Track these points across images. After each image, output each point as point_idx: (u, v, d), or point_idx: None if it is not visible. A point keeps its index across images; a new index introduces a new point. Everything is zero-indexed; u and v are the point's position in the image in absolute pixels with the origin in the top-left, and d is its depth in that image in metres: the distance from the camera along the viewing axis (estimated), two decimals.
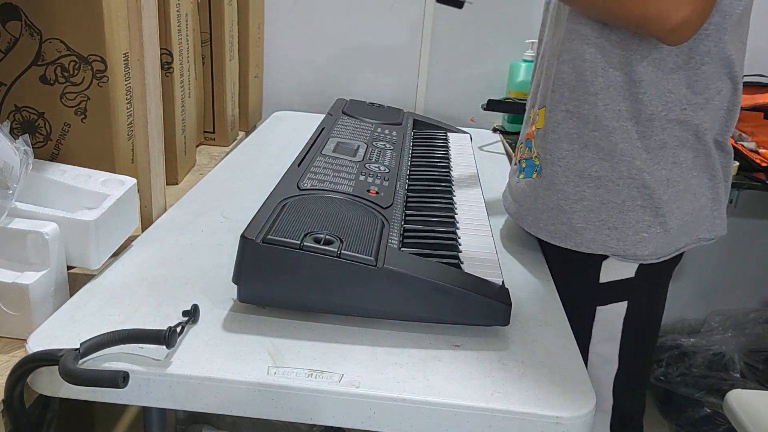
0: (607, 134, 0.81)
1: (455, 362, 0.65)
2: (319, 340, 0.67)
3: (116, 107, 0.92)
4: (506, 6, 1.62)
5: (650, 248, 0.83)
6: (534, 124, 0.89)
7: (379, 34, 1.66)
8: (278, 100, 1.71)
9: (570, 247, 0.85)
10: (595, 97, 0.80)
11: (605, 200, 0.82)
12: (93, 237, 0.74)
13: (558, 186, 0.85)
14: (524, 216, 0.91)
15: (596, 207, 0.83)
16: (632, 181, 0.81)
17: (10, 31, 0.87)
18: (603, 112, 0.80)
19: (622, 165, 0.81)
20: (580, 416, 0.59)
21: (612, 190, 0.82)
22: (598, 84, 0.80)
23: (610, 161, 0.81)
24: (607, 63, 0.79)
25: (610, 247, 0.83)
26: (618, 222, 0.82)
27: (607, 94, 0.79)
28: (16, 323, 0.67)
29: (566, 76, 0.82)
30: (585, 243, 0.84)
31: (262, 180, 1.11)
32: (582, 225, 0.84)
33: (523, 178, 0.91)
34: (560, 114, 0.84)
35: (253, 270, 0.68)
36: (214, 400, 0.61)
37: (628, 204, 0.82)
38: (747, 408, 1.12)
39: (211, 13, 1.30)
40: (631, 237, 0.83)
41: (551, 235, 0.87)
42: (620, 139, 0.80)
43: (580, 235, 0.84)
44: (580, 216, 0.84)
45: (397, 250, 0.73)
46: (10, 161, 0.68)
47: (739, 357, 1.69)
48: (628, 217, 0.82)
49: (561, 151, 0.84)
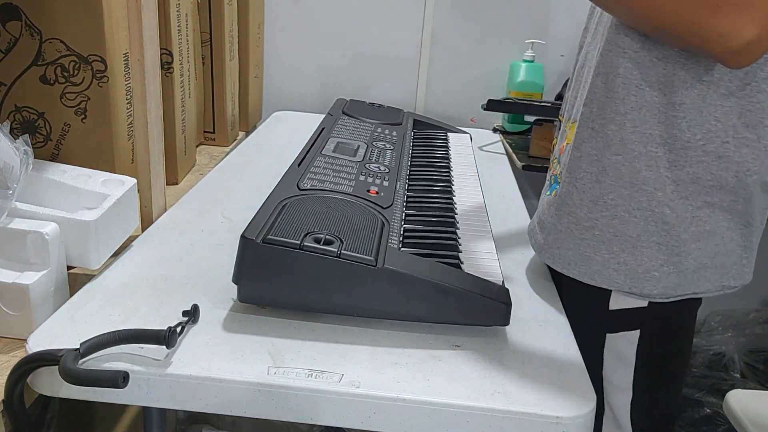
0: (630, 159, 0.73)
1: (455, 362, 0.65)
2: (319, 340, 0.67)
3: (116, 107, 0.92)
4: (506, 6, 1.62)
5: (660, 288, 0.76)
6: (566, 138, 0.83)
7: (379, 34, 1.66)
8: (278, 100, 1.71)
9: (573, 276, 0.79)
10: (623, 117, 0.73)
11: (618, 232, 0.75)
12: (93, 237, 0.74)
13: (570, 208, 0.78)
14: (534, 234, 0.86)
15: (608, 238, 0.76)
16: (651, 214, 0.73)
17: (10, 31, 0.87)
18: (630, 135, 0.72)
19: (642, 195, 0.73)
20: (580, 416, 0.59)
21: (627, 221, 0.74)
22: (629, 103, 0.72)
23: (629, 189, 0.74)
24: (643, 80, 0.71)
25: (615, 281, 0.77)
26: (629, 257, 0.75)
27: (638, 114, 0.72)
28: (16, 323, 0.67)
29: (598, 91, 0.75)
30: (589, 274, 0.78)
31: (262, 180, 1.11)
32: (589, 254, 0.77)
33: (549, 194, 0.85)
34: (586, 131, 0.76)
35: (253, 270, 0.68)
36: (214, 400, 0.61)
37: (643, 239, 0.74)
38: (747, 408, 1.12)
39: (211, 13, 1.30)
40: (641, 275, 0.76)
41: (554, 260, 0.81)
42: (645, 166, 0.72)
43: (586, 264, 0.78)
44: (589, 245, 0.77)
45: (397, 250, 0.73)
46: (10, 161, 0.68)
47: (739, 357, 1.69)
48: (641, 253, 0.75)
49: (580, 172, 0.77)
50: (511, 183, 1.23)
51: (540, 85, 1.57)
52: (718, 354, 1.70)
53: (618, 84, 0.72)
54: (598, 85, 0.75)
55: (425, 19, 1.63)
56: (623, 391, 0.82)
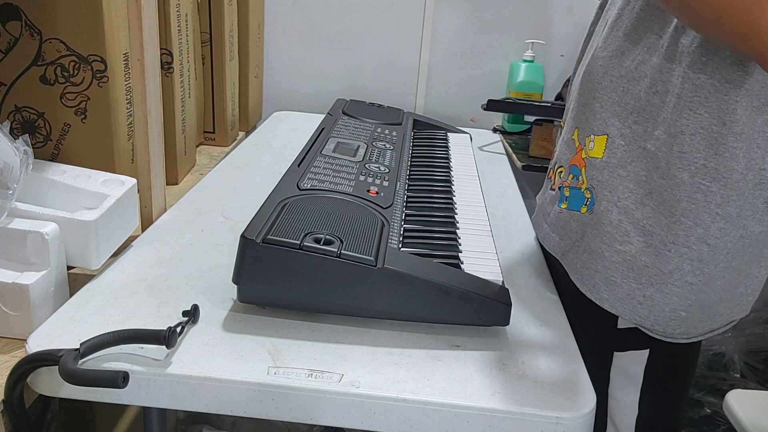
0: (672, 186, 0.68)
1: (455, 362, 0.65)
2: (319, 340, 0.67)
3: (116, 107, 0.92)
4: (506, 6, 1.62)
5: (683, 328, 0.72)
6: (583, 149, 0.78)
7: (379, 34, 1.66)
8: (278, 100, 1.71)
9: (595, 300, 0.75)
10: (672, 139, 0.67)
11: (651, 263, 0.71)
12: (93, 237, 0.74)
13: (606, 228, 0.73)
14: (566, 252, 0.81)
15: (639, 267, 0.71)
16: (687, 251, 0.69)
17: (10, 31, 0.87)
18: (675, 160, 0.67)
19: (680, 228, 0.68)
20: (580, 416, 0.59)
21: (662, 254, 0.70)
22: (680, 126, 0.67)
23: (668, 219, 0.69)
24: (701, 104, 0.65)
25: (638, 314, 0.73)
26: (657, 293, 0.71)
27: (689, 140, 0.66)
28: (16, 323, 0.67)
29: (655, 110, 0.69)
30: (610, 301, 0.74)
31: (262, 180, 1.11)
32: (616, 280, 0.73)
33: (566, 208, 0.81)
34: (637, 150, 0.71)
35: (253, 270, 0.68)
36: (214, 400, 0.61)
37: (676, 276, 0.70)
38: (747, 408, 1.12)
39: (211, 13, 1.30)
40: (667, 314, 0.71)
41: (581, 280, 0.77)
42: (686, 197, 0.67)
43: (610, 290, 0.74)
44: (618, 270, 0.73)
45: (397, 250, 0.73)
46: (10, 161, 0.68)
47: (739, 357, 1.68)
48: (671, 291, 0.70)
49: (625, 191, 0.72)
50: (511, 183, 1.23)
51: (540, 85, 1.57)
52: (718, 354, 1.70)
53: (672, 103, 0.68)
54: (654, 104, 0.69)
55: (425, 19, 1.63)
56: (628, 409, 0.80)
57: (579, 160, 0.79)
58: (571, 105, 0.83)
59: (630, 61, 0.72)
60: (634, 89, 0.72)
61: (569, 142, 0.82)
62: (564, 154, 0.83)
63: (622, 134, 0.72)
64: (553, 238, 0.83)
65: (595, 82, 0.76)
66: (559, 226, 0.82)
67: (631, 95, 0.72)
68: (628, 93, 0.72)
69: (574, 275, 0.79)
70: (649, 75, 0.70)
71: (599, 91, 0.76)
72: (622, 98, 0.73)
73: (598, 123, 0.75)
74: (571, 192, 0.80)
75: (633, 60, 0.72)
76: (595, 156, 0.75)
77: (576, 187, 0.79)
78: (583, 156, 0.78)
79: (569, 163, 0.81)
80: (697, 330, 0.74)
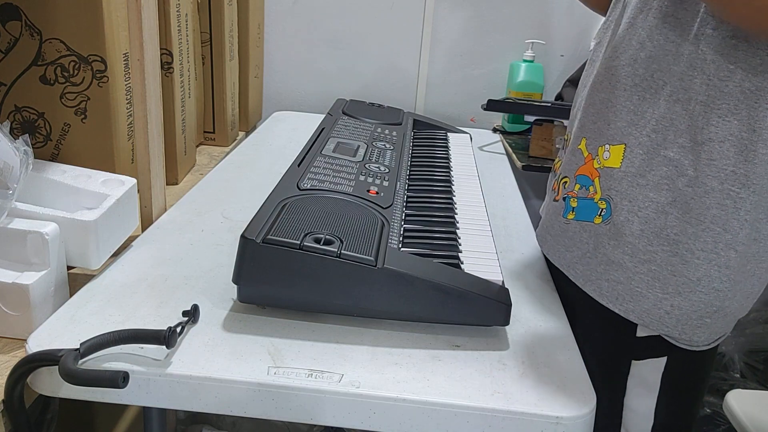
0: (701, 194, 0.67)
1: (455, 362, 0.65)
2: (319, 340, 0.67)
3: (116, 107, 0.92)
4: (506, 6, 1.61)
5: (707, 335, 0.72)
6: (595, 159, 0.77)
7: (379, 34, 1.66)
8: (278, 100, 1.71)
9: (619, 313, 0.74)
10: (700, 147, 0.67)
11: (677, 272, 0.70)
12: (93, 237, 0.74)
13: (628, 238, 0.72)
14: (573, 264, 0.79)
15: (664, 276, 0.70)
16: (715, 257, 0.68)
17: (10, 31, 0.87)
18: (704, 168, 0.67)
19: (708, 235, 0.68)
20: (580, 416, 0.59)
21: (689, 262, 0.69)
22: (708, 133, 0.66)
23: (695, 227, 0.68)
24: (730, 111, 0.65)
25: (665, 325, 0.72)
26: (684, 302, 0.70)
27: (718, 147, 0.66)
28: (16, 323, 0.67)
29: (677, 118, 0.68)
30: (636, 312, 0.73)
31: (262, 180, 1.11)
32: (641, 290, 0.72)
33: (574, 219, 0.79)
34: (658, 158, 0.70)
35: (253, 270, 0.68)
36: (214, 400, 0.61)
37: (704, 284, 0.69)
38: (747, 408, 1.12)
39: (211, 13, 1.30)
40: (694, 321, 0.71)
41: (600, 293, 0.76)
42: (716, 204, 0.67)
43: (635, 301, 0.73)
44: (643, 281, 0.72)
45: (397, 250, 0.73)
46: (10, 161, 0.68)
47: (739, 357, 1.68)
48: (698, 299, 0.69)
49: (646, 201, 0.71)
50: (511, 183, 1.23)
51: (540, 85, 1.57)
52: (718, 354, 1.70)
53: (698, 112, 0.67)
54: (676, 112, 0.68)
55: (425, 19, 1.63)
56: (644, 418, 0.79)
57: (590, 170, 0.78)
58: (578, 115, 0.82)
59: (644, 69, 0.72)
60: (652, 98, 0.71)
61: (575, 152, 0.80)
62: (569, 164, 0.82)
63: (640, 143, 0.71)
64: (558, 249, 0.82)
65: (607, 91, 0.76)
66: (566, 238, 0.81)
67: (650, 103, 0.71)
68: (645, 101, 0.71)
69: (590, 287, 0.77)
70: (670, 83, 0.69)
71: (612, 101, 0.75)
72: (638, 107, 0.72)
73: (613, 132, 0.74)
74: (579, 202, 0.79)
75: (647, 68, 0.71)
76: (612, 166, 0.74)
77: (586, 197, 0.78)
78: (596, 166, 0.77)
79: (575, 173, 0.80)
80: (717, 335, 0.74)
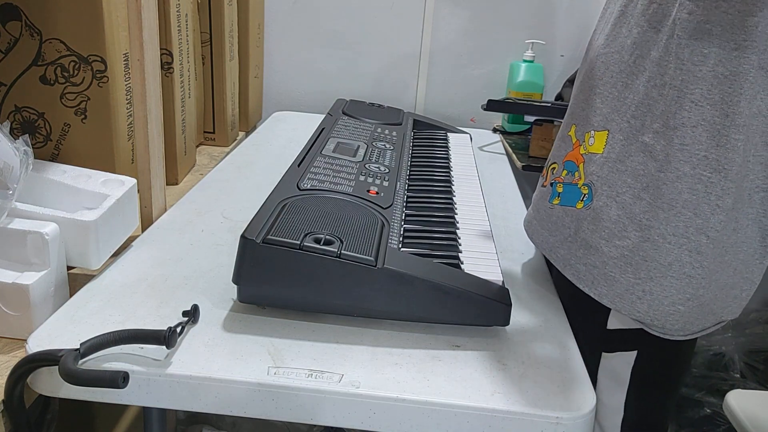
0: (673, 179, 0.68)
1: (455, 362, 0.65)
2: (319, 340, 0.67)
3: (116, 107, 0.92)
4: (506, 6, 1.62)
5: (680, 323, 0.72)
6: (582, 145, 0.78)
7: (379, 34, 1.66)
8: (278, 100, 1.71)
9: (594, 297, 0.75)
10: (672, 132, 0.68)
11: (649, 257, 0.71)
12: (93, 237, 0.74)
13: (605, 223, 0.73)
14: (555, 248, 0.80)
15: (636, 262, 0.71)
16: (686, 242, 0.69)
17: (10, 32, 0.87)
18: (677, 152, 0.67)
19: (680, 220, 0.69)
20: (580, 416, 0.59)
21: (660, 247, 0.70)
22: (681, 118, 0.67)
23: (666, 212, 0.69)
24: (703, 97, 0.66)
25: (637, 310, 0.72)
26: (656, 287, 0.71)
27: (691, 132, 0.67)
28: (16, 323, 0.67)
29: (653, 103, 0.70)
30: (609, 297, 0.74)
31: (262, 180, 1.11)
32: (614, 275, 0.73)
33: (559, 204, 0.80)
34: (635, 144, 0.71)
35: (253, 270, 0.68)
36: (214, 400, 0.61)
37: (675, 269, 0.70)
38: (747, 408, 1.12)
39: (211, 13, 1.30)
40: (666, 308, 0.71)
41: (578, 276, 0.77)
42: (687, 189, 0.68)
43: (608, 285, 0.74)
44: (616, 265, 0.73)
45: (397, 250, 0.73)
46: (10, 161, 0.68)
47: (739, 357, 1.68)
48: (669, 284, 0.70)
49: (624, 186, 0.72)
50: (511, 183, 1.23)
51: (540, 85, 1.57)
52: (718, 354, 1.70)
53: (672, 97, 0.68)
54: (653, 97, 0.70)
55: (425, 19, 1.63)
56: (615, 411, 0.80)
57: (576, 156, 0.79)
58: (570, 102, 0.84)
59: (629, 55, 0.73)
60: (633, 84, 0.72)
61: (565, 139, 0.82)
62: (558, 151, 0.83)
63: (621, 129, 0.73)
64: (542, 234, 0.83)
65: (596, 78, 0.77)
66: (549, 222, 0.81)
67: (630, 89, 0.72)
68: (627, 88, 0.73)
69: (569, 271, 0.78)
70: (648, 69, 0.70)
71: (600, 87, 0.76)
72: (621, 93, 0.73)
73: (598, 119, 0.76)
74: (564, 188, 0.80)
75: (632, 54, 0.73)
76: (595, 152, 0.76)
77: (571, 183, 0.79)
78: (582, 152, 0.78)
79: (563, 159, 0.81)
80: (693, 327, 0.74)
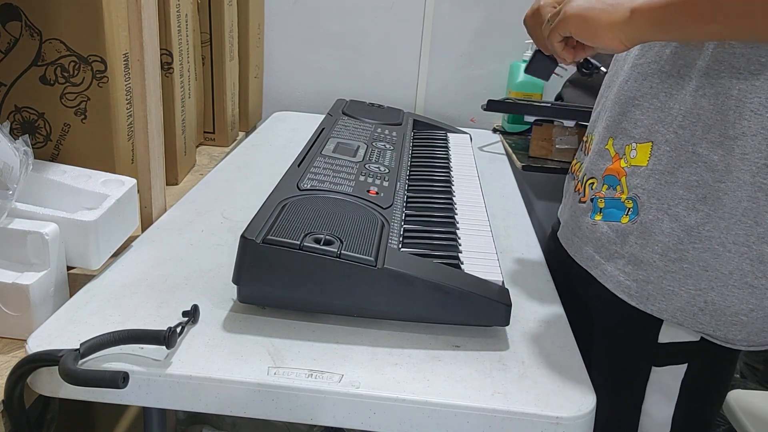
0: (734, 188, 0.68)
1: (455, 362, 0.65)
2: (319, 340, 0.67)
3: (116, 107, 0.92)
4: (506, 6, 1.62)
5: (744, 334, 0.71)
6: (622, 158, 0.77)
7: (379, 34, 1.66)
8: (278, 100, 1.71)
9: (651, 313, 0.74)
10: (733, 142, 0.67)
11: (710, 266, 0.70)
12: (93, 237, 0.74)
13: (657, 237, 0.72)
14: (601, 265, 0.78)
15: (696, 273, 0.70)
16: (747, 251, 0.68)
17: (10, 32, 0.87)
18: (738, 162, 0.67)
19: (740, 228, 0.68)
20: (580, 416, 0.59)
21: (721, 256, 0.69)
22: (740, 128, 0.67)
23: (727, 221, 0.68)
24: (761, 105, 0.66)
25: (699, 322, 0.71)
26: (717, 297, 0.70)
27: (751, 141, 0.66)
28: (16, 323, 0.67)
29: (703, 113, 0.69)
30: (670, 311, 0.72)
31: (262, 180, 1.11)
32: (673, 289, 0.71)
33: (602, 220, 0.78)
34: (686, 155, 0.70)
35: (253, 270, 0.68)
36: (214, 400, 0.61)
37: (736, 277, 0.69)
38: (747, 408, 1.12)
39: (211, 14, 1.30)
40: (728, 318, 0.70)
41: (628, 293, 0.75)
42: (747, 197, 0.67)
43: (667, 300, 0.72)
44: (674, 279, 0.71)
45: (397, 250, 0.73)
46: (10, 162, 0.68)
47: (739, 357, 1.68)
48: (731, 293, 0.69)
49: (675, 198, 0.71)
50: (511, 183, 1.23)
51: (540, 86, 1.57)
52: None
53: (729, 107, 0.67)
54: (703, 107, 0.69)
55: (425, 19, 1.63)
56: (661, 425, 0.79)
57: (617, 169, 0.78)
58: (604, 115, 0.83)
59: (670, 66, 0.72)
60: (678, 94, 0.71)
61: (602, 153, 0.80)
62: (596, 165, 0.81)
63: (667, 140, 0.72)
64: (587, 252, 0.81)
65: (633, 90, 0.76)
66: (593, 239, 0.80)
67: (676, 100, 0.72)
68: (672, 98, 0.72)
69: (618, 288, 0.76)
70: (695, 78, 0.70)
71: (638, 99, 0.76)
72: (665, 104, 0.73)
73: (640, 131, 0.75)
74: (606, 203, 0.78)
75: (674, 65, 0.72)
76: (639, 164, 0.75)
77: (613, 197, 0.78)
78: (623, 165, 0.77)
79: (603, 174, 0.80)
80: (758, 338, 0.72)
